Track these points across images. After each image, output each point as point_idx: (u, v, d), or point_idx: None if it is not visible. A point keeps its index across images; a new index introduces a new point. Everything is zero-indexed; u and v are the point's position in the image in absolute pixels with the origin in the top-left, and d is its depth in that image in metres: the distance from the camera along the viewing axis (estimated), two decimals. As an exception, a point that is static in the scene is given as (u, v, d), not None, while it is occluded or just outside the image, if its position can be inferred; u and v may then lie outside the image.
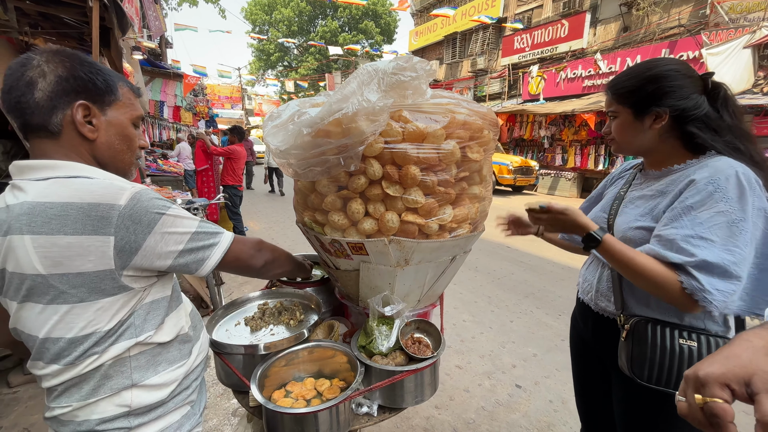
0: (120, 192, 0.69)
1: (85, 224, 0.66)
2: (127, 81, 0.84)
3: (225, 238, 0.84)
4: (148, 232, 0.71)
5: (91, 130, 0.76)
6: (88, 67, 0.75)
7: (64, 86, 0.72)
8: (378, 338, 1.07)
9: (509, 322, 3.48)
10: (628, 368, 0.98)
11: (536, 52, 13.75)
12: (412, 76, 0.99)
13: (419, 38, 19.99)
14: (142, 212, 0.70)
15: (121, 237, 0.69)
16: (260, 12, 29.31)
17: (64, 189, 0.68)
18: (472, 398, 2.45)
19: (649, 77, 1.01)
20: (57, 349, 0.71)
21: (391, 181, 1.00)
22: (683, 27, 10.19)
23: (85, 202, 0.67)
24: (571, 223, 1.00)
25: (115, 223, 0.68)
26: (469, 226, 1.12)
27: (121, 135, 0.81)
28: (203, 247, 0.79)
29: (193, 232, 0.77)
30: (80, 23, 3.19)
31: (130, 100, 0.82)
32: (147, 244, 0.71)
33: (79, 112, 0.73)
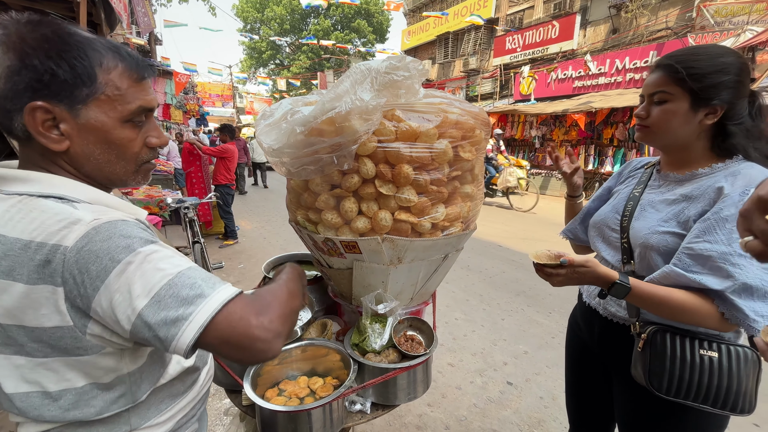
0: (71, 226, 0.52)
1: (31, 269, 0.52)
2: (122, 53, 0.61)
3: (213, 300, 0.54)
4: (96, 285, 0.52)
5: (56, 139, 0.57)
6: (49, 49, 0.54)
7: (15, 81, 0.53)
8: (371, 336, 1.08)
9: (501, 320, 3.51)
10: (646, 380, 0.93)
11: (527, 52, 13.88)
12: (404, 76, 0.99)
13: (411, 37, 20.02)
14: (91, 257, 0.51)
15: (69, 289, 0.52)
16: (252, 9, 29.03)
17: (23, 215, 0.54)
18: (464, 395, 2.47)
19: (726, 65, 0.88)
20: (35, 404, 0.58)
21: (384, 179, 1.01)
22: (670, 29, 10.39)
23: (32, 239, 0.52)
24: (592, 275, 0.91)
25: (60, 270, 0.52)
26: (461, 224, 1.14)
27: (104, 141, 0.60)
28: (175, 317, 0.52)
29: (161, 286, 0.53)
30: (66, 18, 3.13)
31: (119, 90, 0.60)
32: (96, 301, 0.52)
33: (34, 118, 0.55)
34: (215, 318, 0.53)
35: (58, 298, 0.53)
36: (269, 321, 0.56)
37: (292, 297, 0.66)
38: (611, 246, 1.11)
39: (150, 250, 0.54)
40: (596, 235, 1.18)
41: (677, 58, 0.91)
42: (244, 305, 0.56)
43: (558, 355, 2.91)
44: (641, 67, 10.51)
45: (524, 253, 5.50)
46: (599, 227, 1.16)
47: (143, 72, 0.63)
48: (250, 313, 0.55)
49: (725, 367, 0.87)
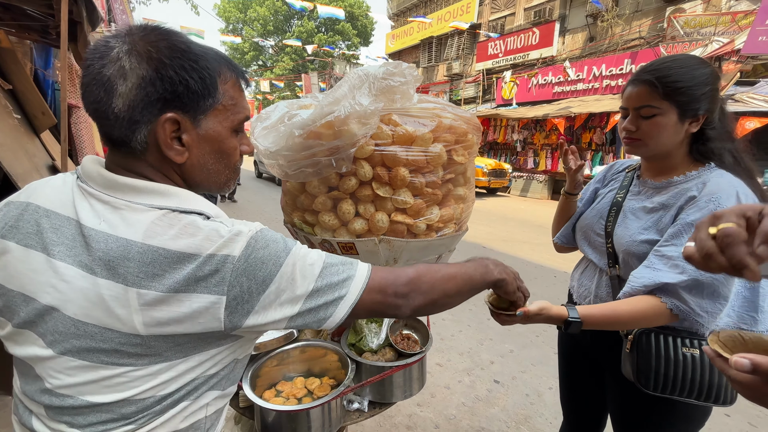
0: (235, 239, 0.55)
1: (198, 281, 0.53)
2: (232, 64, 0.64)
3: (358, 279, 0.62)
4: (263, 288, 0.56)
5: (178, 152, 0.59)
6: (182, 59, 0.55)
7: (149, 92, 0.54)
8: (368, 336, 1.10)
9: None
10: (635, 378, 0.97)
11: (509, 58, 14.23)
12: (401, 81, 1.02)
13: (396, 41, 20.19)
14: (257, 263, 0.55)
15: (234, 296, 0.55)
16: (234, 10, 28.65)
17: (180, 230, 0.54)
18: (452, 395, 2.51)
19: (705, 75, 0.93)
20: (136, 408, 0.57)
21: (381, 182, 1.03)
22: (643, 39, 10.85)
23: (202, 253, 0.53)
24: (545, 319, 0.95)
25: (228, 280, 0.54)
26: (454, 225, 1.17)
27: (218, 151, 0.63)
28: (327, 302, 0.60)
29: (316, 272, 0.59)
30: (45, 16, 3.03)
31: (233, 99, 0.63)
32: (261, 302, 0.56)
33: (165, 129, 0.56)
34: (363, 294, 0.62)
35: (218, 307, 0.54)
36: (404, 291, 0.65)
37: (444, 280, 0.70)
38: (597, 250, 1.15)
39: (298, 248, 0.60)
40: (583, 239, 1.22)
41: (659, 73, 0.94)
42: (383, 276, 0.65)
43: (542, 354, 2.99)
44: (617, 74, 10.93)
45: (507, 254, 5.63)
46: (585, 231, 1.20)
47: (246, 82, 0.66)
48: (389, 283, 0.64)
49: (707, 363, 0.92)
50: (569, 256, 1.43)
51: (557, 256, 5.39)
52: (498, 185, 11.69)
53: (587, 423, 1.37)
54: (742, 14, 8.72)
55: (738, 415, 2.31)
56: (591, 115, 10.01)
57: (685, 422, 1.04)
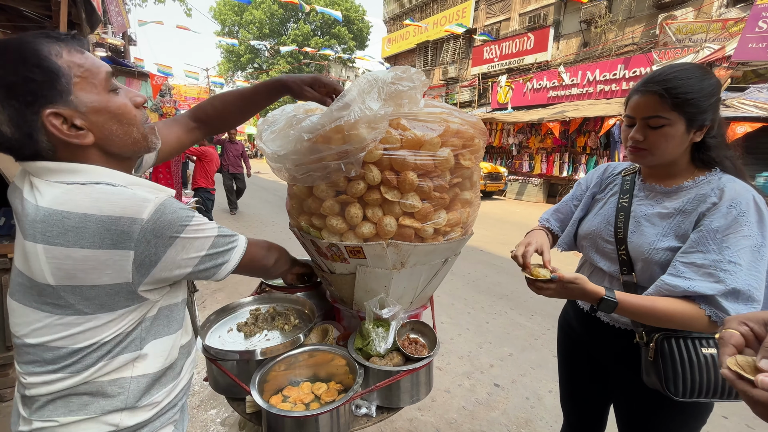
0: (143, 204, 0.64)
1: (104, 238, 0.61)
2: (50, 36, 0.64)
3: (241, 241, 0.82)
4: (169, 244, 0.67)
5: (82, 135, 0.65)
6: (7, 63, 0.59)
7: (12, 104, 0.59)
8: (375, 340, 1.09)
9: (485, 323, 3.59)
10: (662, 387, 0.95)
11: (504, 62, 14.36)
12: (409, 86, 1.03)
13: (392, 45, 20.29)
14: (164, 226, 0.65)
15: (142, 251, 0.64)
16: (230, 12, 28.62)
17: (83, 198, 0.62)
18: (453, 398, 2.51)
19: (711, 86, 0.95)
20: (53, 356, 0.66)
21: (390, 186, 1.03)
22: (636, 45, 11.02)
23: (105, 214, 0.61)
24: (580, 291, 0.96)
25: (136, 238, 0.63)
26: (461, 229, 1.18)
27: (113, 116, 0.68)
28: (222, 252, 0.77)
29: (214, 237, 0.74)
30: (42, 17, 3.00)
31: (81, 66, 0.64)
32: (167, 256, 0.67)
33: (54, 125, 0.62)
34: (246, 249, 0.83)
35: (126, 260, 0.63)
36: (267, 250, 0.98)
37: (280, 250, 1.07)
38: (606, 257, 1.14)
39: (198, 218, 0.71)
40: (589, 246, 1.21)
41: (670, 83, 0.94)
42: (253, 244, 0.90)
43: (541, 357, 3.00)
44: (610, 79, 11.07)
45: (504, 257, 5.64)
46: (592, 238, 1.19)
47: (77, 43, 0.66)
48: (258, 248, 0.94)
49: None
50: (566, 259, 1.44)
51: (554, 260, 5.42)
52: (494, 188, 11.76)
53: (588, 424, 1.37)
54: (732, 21, 8.89)
55: (735, 417, 2.33)
56: (585, 120, 10.12)
57: (693, 418, 1.05)
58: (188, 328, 0.87)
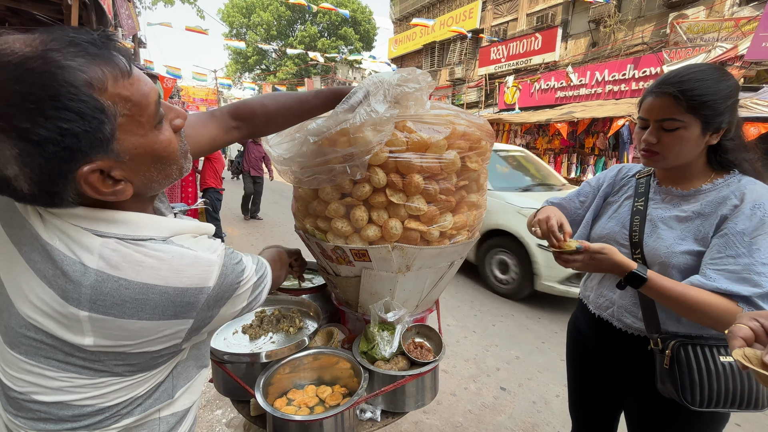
0: (209, 270, 0.57)
1: (166, 309, 0.54)
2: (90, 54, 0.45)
3: (269, 277, 0.76)
4: (223, 304, 0.62)
5: (121, 191, 0.52)
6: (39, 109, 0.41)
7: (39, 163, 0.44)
8: (380, 344, 1.09)
9: (491, 325, 3.56)
10: (678, 396, 0.92)
11: (511, 63, 14.28)
12: (415, 88, 1.02)
13: (398, 46, 20.29)
14: (227, 289, 0.61)
15: (201, 318, 0.59)
16: (238, 14, 28.87)
17: (140, 262, 0.52)
18: (458, 402, 2.49)
19: (729, 88, 0.92)
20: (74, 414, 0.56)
21: (395, 189, 1.03)
22: (646, 44, 10.87)
23: (171, 286, 0.53)
24: (609, 263, 0.93)
25: (199, 308, 0.57)
26: (467, 232, 1.16)
27: (156, 159, 0.54)
28: (256, 296, 0.71)
29: (253, 284, 0.69)
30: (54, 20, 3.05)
31: (128, 100, 0.48)
32: (220, 314, 0.63)
33: (91, 184, 0.48)
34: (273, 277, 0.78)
35: (184, 328, 0.58)
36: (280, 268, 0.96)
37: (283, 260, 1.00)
38: None
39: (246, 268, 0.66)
40: None
41: (686, 84, 0.91)
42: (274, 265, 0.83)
43: (548, 360, 2.97)
44: (619, 79, 10.94)
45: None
46: (606, 242, 1.14)
47: (129, 64, 0.49)
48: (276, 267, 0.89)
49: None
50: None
51: (561, 262, 5.36)
52: (501, 190, 11.67)
53: (597, 431, 1.35)
54: (745, 20, 8.73)
55: (748, 424, 2.28)
56: (594, 120, 10.00)
57: (710, 428, 1.03)
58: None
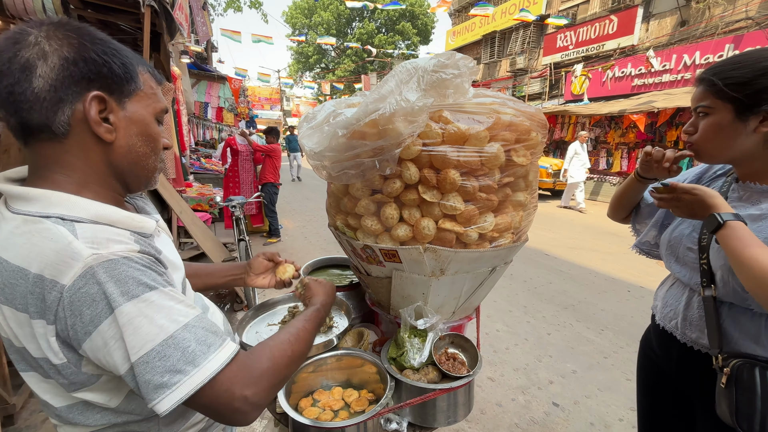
0: (69, 263, 0.49)
1: (29, 302, 0.50)
2: (147, 64, 0.65)
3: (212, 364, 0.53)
4: (87, 331, 0.50)
5: (107, 129, 0.57)
6: (102, 45, 0.56)
7: (72, 71, 0.53)
8: (410, 351, 1.01)
9: (546, 334, 3.29)
10: (733, 421, 0.84)
11: (581, 50, 13.10)
12: (453, 74, 0.92)
13: (456, 38, 19.70)
14: (85, 301, 0.49)
15: (61, 328, 0.51)
16: (300, 16, 30.12)
17: (22, 242, 0.51)
18: (504, 413, 2.33)
19: (766, 68, 0.83)
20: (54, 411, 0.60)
21: (429, 185, 0.94)
22: (751, 20, 9.28)
23: (33, 272, 0.50)
24: (699, 204, 0.86)
25: (53, 309, 0.50)
26: (511, 235, 1.04)
27: (144, 134, 0.62)
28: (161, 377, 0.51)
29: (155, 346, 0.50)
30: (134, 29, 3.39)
31: (152, 89, 0.64)
32: (86, 347, 0.51)
33: (93, 107, 0.55)
34: (200, 390, 0.52)
35: (49, 335, 0.51)
36: (253, 394, 0.55)
37: (293, 363, 0.65)
38: (687, 266, 1.01)
39: (149, 298, 0.52)
40: (669, 254, 1.07)
41: (715, 69, 0.89)
42: (234, 374, 0.54)
43: (611, 378, 2.66)
44: (715, 62, 9.51)
45: (574, 263, 5.15)
46: (673, 245, 1.04)
47: (160, 79, 0.67)
48: (237, 385, 0.54)
49: None
50: (647, 268, 1.24)
51: (631, 268, 4.81)
52: (564, 187, 10.84)
53: None
54: None
55: None
56: (679, 110, 8.82)
57: None
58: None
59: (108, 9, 3.13)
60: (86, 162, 0.59)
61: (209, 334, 0.55)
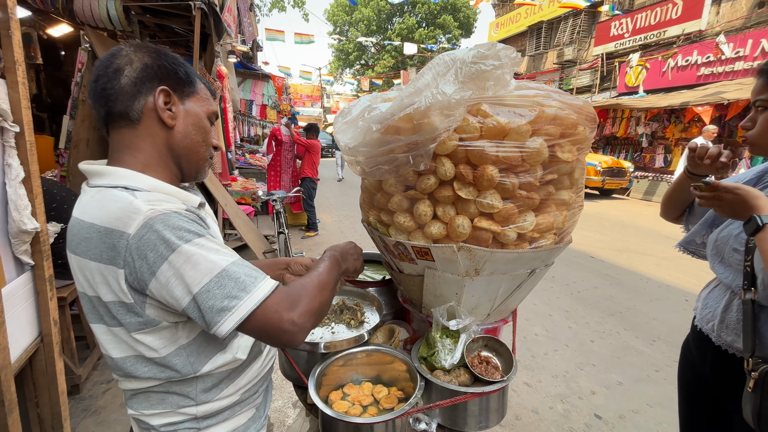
0: (133, 215, 0.60)
1: (102, 251, 0.61)
2: (204, 80, 0.83)
3: (256, 294, 0.61)
4: (152, 271, 0.59)
5: (170, 116, 0.73)
6: (172, 59, 0.75)
7: (149, 73, 0.71)
8: (441, 352, 0.99)
9: (589, 341, 3.11)
10: (755, 423, 0.83)
11: (638, 38, 12.12)
12: (494, 65, 0.88)
13: (500, 30, 19.00)
14: (148, 245, 0.59)
15: (129, 272, 0.60)
16: (341, 13, 30.49)
17: (95, 205, 0.64)
18: (541, 421, 2.23)
19: None
20: (114, 363, 0.70)
21: (464, 182, 0.91)
22: None
23: (103, 225, 0.61)
24: (742, 204, 0.82)
25: (123, 255, 0.60)
26: (553, 236, 0.98)
27: (198, 126, 0.77)
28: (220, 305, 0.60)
29: (214, 276, 0.60)
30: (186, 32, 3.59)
31: (207, 96, 0.81)
32: (152, 286, 0.60)
33: (160, 97, 0.71)
34: (254, 312, 0.61)
35: (120, 278, 0.61)
36: (298, 316, 0.64)
37: (322, 290, 0.73)
38: (732, 268, 0.98)
39: (200, 242, 0.61)
40: (714, 254, 1.04)
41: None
42: (279, 300, 0.64)
43: (662, 394, 2.46)
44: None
45: (622, 267, 4.81)
46: (719, 246, 1.01)
47: (213, 93, 0.85)
48: (283, 309, 0.63)
49: None
50: (708, 275, 1.14)
51: (690, 275, 4.41)
52: (614, 186, 10.15)
53: None
54: None
55: None
56: (753, 102, 7.90)
57: None
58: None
59: (164, 14, 3.35)
60: (152, 145, 0.73)
61: (253, 270, 0.64)
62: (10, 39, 1.28)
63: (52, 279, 1.52)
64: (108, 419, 2.10)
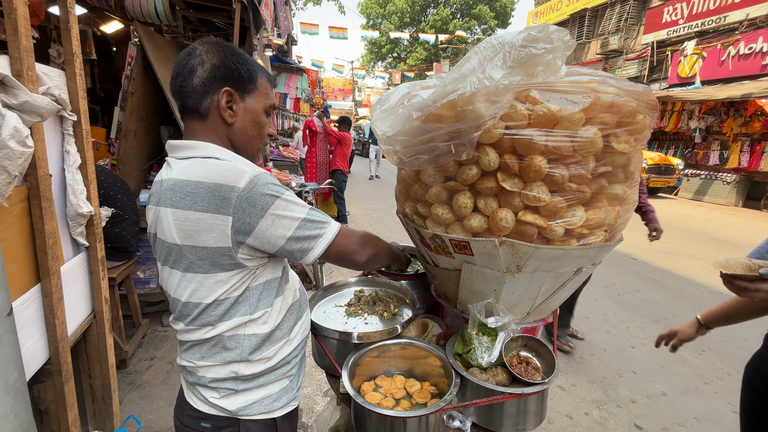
0: (241, 175, 0.74)
1: (210, 203, 0.73)
2: (266, 72, 0.89)
3: (331, 229, 0.83)
4: (261, 215, 0.74)
5: (230, 115, 0.83)
6: (237, 57, 0.83)
7: (216, 74, 0.80)
8: (477, 349, 0.96)
9: (630, 347, 2.94)
10: None
11: (694, 24, 11.19)
12: (545, 48, 0.82)
13: (539, 19, 18.18)
14: (257, 196, 0.73)
15: (238, 218, 0.73)
16: (375, 5, 30.32)
17: (198, 168, 0.76)
18: (575, 427, 2.14)
19: None
20: (189, 311, 0.81)
21: (509, 173, 0.86)
22: None
23: (212, 182, 0.73)
24: None
25: (233, 204, 0.72)
26: (604, 233, 0.91)
27: (254, 122, 0.86)
28: (309, 237, 0.80)
29: (302, 219, 0.79)
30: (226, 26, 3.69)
31: (267, 90, 0.88)
32: (259, 227, 0.75)
33: (224, 97, 0.81)
34: (333, 242, 0.83)
35: (226, 225, 0.73)
36: (360, 246, 0.91)
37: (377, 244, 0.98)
38: None
39: (288, 195, 0.78)
40: None
41: None
42: (347, 234, 0.88)
43: (712, 408, 2.29)
44: None
45: (669, 271, 4.51)
46: None
47: (273, 83, 0.93)
48: (350, 240, 0.89)
49: None
50: None
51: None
52: (661, 184, 9.53)
53: None
54: None
55: None
56: (829, 93, 7.12)
57: None
58: (294, 294, 0.95)
59: (206, 8, 3.45)
60: (217, 135, 0.84)
61: (324, 215, 0.85)
62: (69, 32, 1.35)
63: (104, 260, 1.61)
64: (151, 393, 2.23)
